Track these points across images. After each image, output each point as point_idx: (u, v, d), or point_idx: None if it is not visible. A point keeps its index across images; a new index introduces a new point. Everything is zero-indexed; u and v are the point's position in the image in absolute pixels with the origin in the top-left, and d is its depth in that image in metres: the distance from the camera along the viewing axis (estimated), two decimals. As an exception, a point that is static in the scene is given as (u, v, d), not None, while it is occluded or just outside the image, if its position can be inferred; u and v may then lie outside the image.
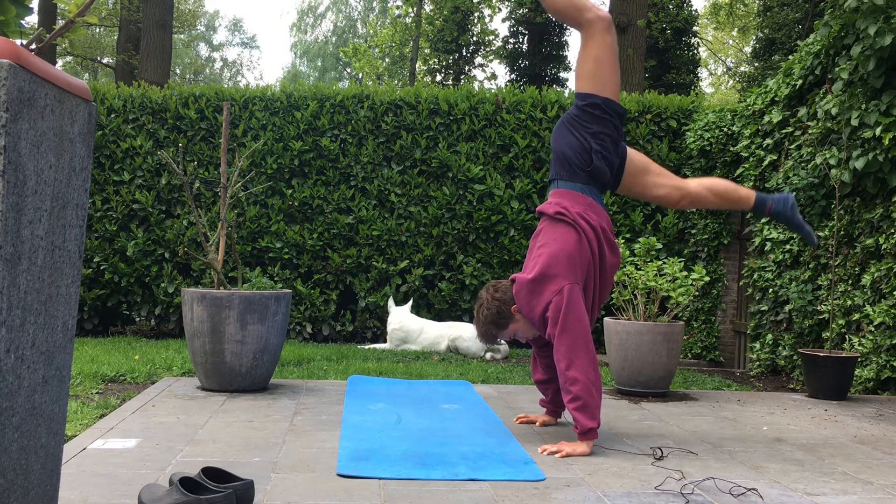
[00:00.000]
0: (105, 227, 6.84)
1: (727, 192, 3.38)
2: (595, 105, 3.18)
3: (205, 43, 40.64)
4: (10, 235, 1.34)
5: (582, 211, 3.15)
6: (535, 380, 3.55)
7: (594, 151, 3.18)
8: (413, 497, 2.39)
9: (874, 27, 4.55)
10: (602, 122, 3.19)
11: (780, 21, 15.05)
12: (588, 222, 3.14)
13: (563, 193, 3.22)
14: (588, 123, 3.19)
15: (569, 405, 3.03)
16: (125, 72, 15.90)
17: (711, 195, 3.35)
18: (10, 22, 1.61)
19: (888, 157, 4.63)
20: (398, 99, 7.06)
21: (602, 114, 3.18)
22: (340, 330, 6.93)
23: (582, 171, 3.19)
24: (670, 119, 7.11)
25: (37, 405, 1.51)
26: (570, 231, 3.13)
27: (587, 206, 3.18)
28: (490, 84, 19.50)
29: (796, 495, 2.54)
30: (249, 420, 3.43)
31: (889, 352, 4.58)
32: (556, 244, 3.12)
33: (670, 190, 3.31)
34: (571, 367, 3.01)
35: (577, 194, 3.19)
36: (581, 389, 2.99)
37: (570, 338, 3.02)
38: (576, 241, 3.12)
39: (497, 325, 3.27)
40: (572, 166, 3.20)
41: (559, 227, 3.16)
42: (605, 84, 3.19)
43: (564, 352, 3.03)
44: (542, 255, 3.14)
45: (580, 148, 3.18)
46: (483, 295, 3.31)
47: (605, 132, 3.20)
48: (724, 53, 29.53)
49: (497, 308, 3.24)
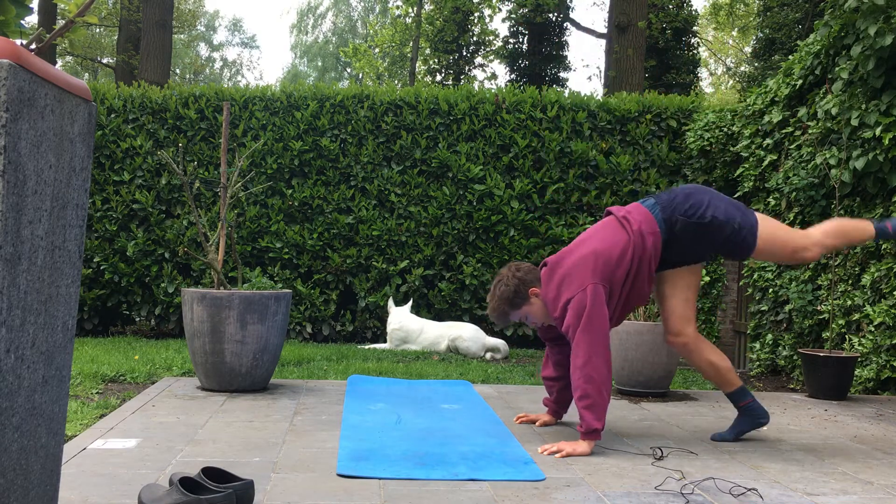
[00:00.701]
0: (105, 227, 6.84)
1: (847, 230, 3.30)
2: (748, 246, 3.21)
3: (205, 43, 40.64)
4: (10, 235, 1.34)
5: (647, 231, 3.17)
6: (543, 376, 3.54)
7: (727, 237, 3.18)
8: (413, 497, 2.39)
9: (874, 27, 4.55)
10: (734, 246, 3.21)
11: (780, 21, 15.05)
12: (644, 243, 3.16)
13: (640, 208, 3.24)
14: (720, 241, 3.20)
15: (578, 402, 3.03)
16: (125, 72, 15.90)
17: (836, 240, 3.28)
18: (10, 22, 1.61)
19: (888, 157, 4.63)
20: (398, 99, 7.06)
21: (738, 241, 3.20)
22: (340, 330, 6.93)
23: (694, 224, 3.18)
24: (670, 119, 7.11)
25: (37, 405, 1.51)
26: (623, 239, 3.16)
27: (653, 234, 3.18)
28: (490, 84, 19.49)
29: (796, 495, 2.54)
30: (249, 420, 3.43)
31: (889, 352, 4.58)
32: (603, 245, 3.15)
33: (804, 251, 3.27)
34: (588, 365, 3.01)
35: (653, 219, 3.21)
36: (593, 389, 3.00)
37: (591, 336, 3.03)
38: (622, 251, 3.13)
39: (511, 304, 3.26)
40: (693, 215, 3.18)
41: (616, 232, 3.19)
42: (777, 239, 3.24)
43: (584, 348, 3.02)
44: (587, 250, 3.15)
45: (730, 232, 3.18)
46: (504, 272, 3.30)
47: (720, 243, 3.21)
48: (724, 53, 29.53)
49: (516, 287, 3.24)
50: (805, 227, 5.46)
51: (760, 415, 3.36)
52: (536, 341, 7.05)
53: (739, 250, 3.22)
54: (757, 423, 3.36)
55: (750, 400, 3.36)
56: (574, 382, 3.05)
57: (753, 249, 3.21)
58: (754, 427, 3.37)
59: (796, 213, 5.53)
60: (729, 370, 3.35)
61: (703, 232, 3.17)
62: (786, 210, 5.68)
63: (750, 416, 3.35)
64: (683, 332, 3.30)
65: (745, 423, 3.36)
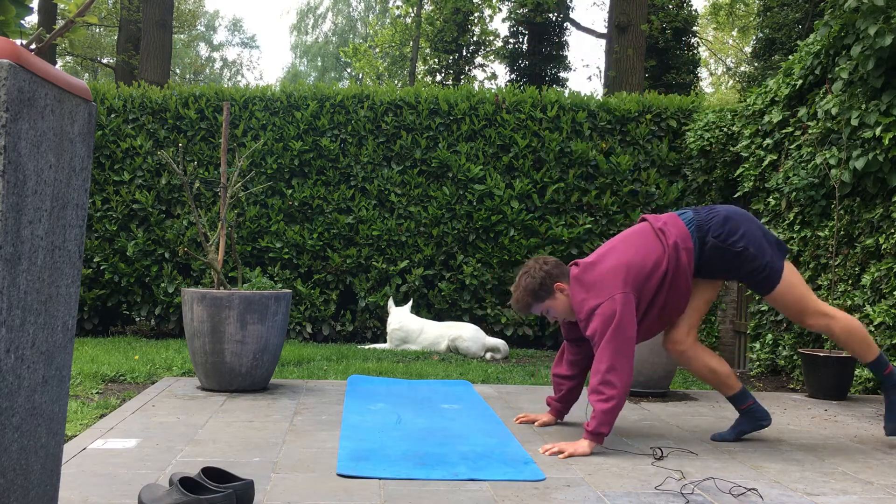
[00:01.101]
0: (105, 227, 6.84)
1: (859, 337, 3.27)
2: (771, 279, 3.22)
3: (205, 43, 40.64)
4: (10, 235, 1.34)
5: (682, 247, 3.17)
6: (554, 372, 3.53)
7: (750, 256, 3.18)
8: (413, 497, 2.39)
9: (874, 27, 4.55)
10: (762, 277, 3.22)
11: (780, 21, 15.05)
12: (678, 257, 3.16)
13: (678, 221, 3.24)
14: (753, 267, 3.20)
15: (596, 404, 3.03)
16: (125, 72, 15.90)
17: (844, 334, 3.25)
18: (10, 22, 1.61)
19: (888, 157, 4.63)
20: (398, 99, 7.06)
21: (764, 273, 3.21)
22: (340, 330, 6.93)
23: (725, 246, 3.18)
24: (670, 119, 7.11)
25: (37, 405, 1.51)
26: (658, 251, 3.17)
27: (687, 251, 3.18)
28: (490, 84, 19.49)
29: (796, 495, 2.54)
30: (249, 420, 3.43)
31: (889, 352, 4.58)
32: (637, 255, 3.16)
33: (811, 317, 3.26)
34: (613, 372, 3.02)
35: (688, 234, 3.21)
36: (615, 394, 3.01)
37: (619, 344, 3.03)
38: (655, 262, 3.14)
39: (535, 296, 3.26)
40: (726, 232, 3.18)
41: (652, 242, 3.19)
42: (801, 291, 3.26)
43: (610, 354, 3.03)
44: (620, 259, 3.16)
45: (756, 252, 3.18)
46: (531, 263, 3.30)
47: (749, 269, 3.21)
48: (724, 53, 29.53)
49: (542, 280, 3.24)
50: (805, 227, 5.46)
51: (762, 417, 3.36)
52: (536, 341, 7.05)
53: (759, 286, 3.24)
54: (758, 424, 3.36)
55: (751, 402, 3.36)
56: (593, 385, 3.06)
57: (772, 291, 3.22)
58: (755, 429, 3.37)
59: (796, 213, 5.53)
60: (729, 375, 3.35)
61: (731, 258, 3.19)
62: (786, 210, 5.68)
63: (751, 418, 3.36)
64: (683, 341, 3.30)
65: (747, 424, 3.36)
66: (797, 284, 3.23)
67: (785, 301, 3.23)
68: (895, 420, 3.24)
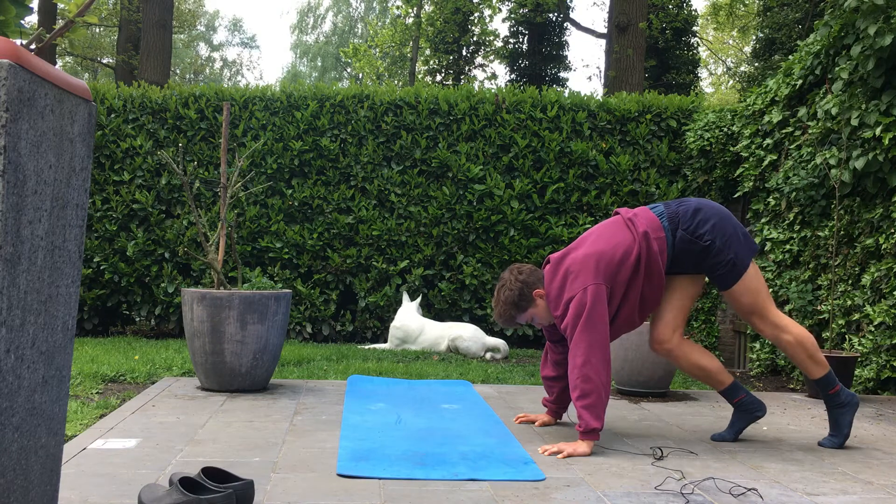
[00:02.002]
0: (105, 227, 6.84)
1: (810, 350, 3.26)
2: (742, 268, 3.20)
3: (205, 43, 40.64)
4: (10, 235, 1.34)
5: (653, 236, 3.16)
6: (543, 376, 3.53)
7: (717, 250, 3.17)
8: (413, 497, 2.39)
9: (874, 27, 4.55)
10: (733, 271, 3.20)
11: (780, 21, 15.05)
12: (649, 246, 3.15)
13: (649, 213, 3.23)
14: (723, 261, 3.18)
15: (577, 402, 3.02)
16: (125, 72, 15.91)
17: (792, 347, 3.25)
18: (10, 22, 1.61)
19: (888, 157, 4.63)
20: (398, 99, 7.06)
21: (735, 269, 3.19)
22: (340, 330, 6.93)
23: (678, 239, 3.18)
24: (670, 119, 7.11)
25: (37, 405, 1.51)
26: (628, 241, 3.15)
27: (659, 240, 3.17)
28: (490, 84, 19.50)
29: (796, 495, 2.54)
30: (249, 420, 3.43)
31: (889, 352, 4.58)
32: (607, 244, 3.14)
33: (762, 321, 3.25)
34: (586, 365, 3.01)
35: (661, 226, 3.20)
36: (592, 388, 3.00)
37: (591, 336, 3.03)
38: (625, 251, 3.13)
39: (517, 307, 3.26)
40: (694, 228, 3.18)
41: (621, 232, 3.18)
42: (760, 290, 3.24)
43: (584, 348, 3.02)
44: (590, 249, 3.15)
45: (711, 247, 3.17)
46: (506, 275, 3.29)
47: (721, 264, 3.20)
48: (724, 53, 29.52)
49: (520, 290, 3.24)
50: (805, 227, 5.46)
51: (755, 408, 3.35)
52: (536, 341, 7.05)
53: (719, 280, 3.22)
54: (753, 417, 3.35)
55: (743, 395, 3.35)
56: (572, 382, 3.05)
57: (730, 288, 3.20)
58: (751, 421, 3.36)
59: (796, 213, 5.53)
60: (719, 371, 3.34)
61: (700, 252, 3.18)
62: (786, 210, 5.68)
63: (746, 412, 3.35)
64: (669, 340, 3.29)
65: (742, 419, 3.35)
66: (758, 288, 3.21)
67: (741, 302, 3.21)
68: (839, 435, 3.27)
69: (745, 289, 3.19)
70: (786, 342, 3.24)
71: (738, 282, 3.18)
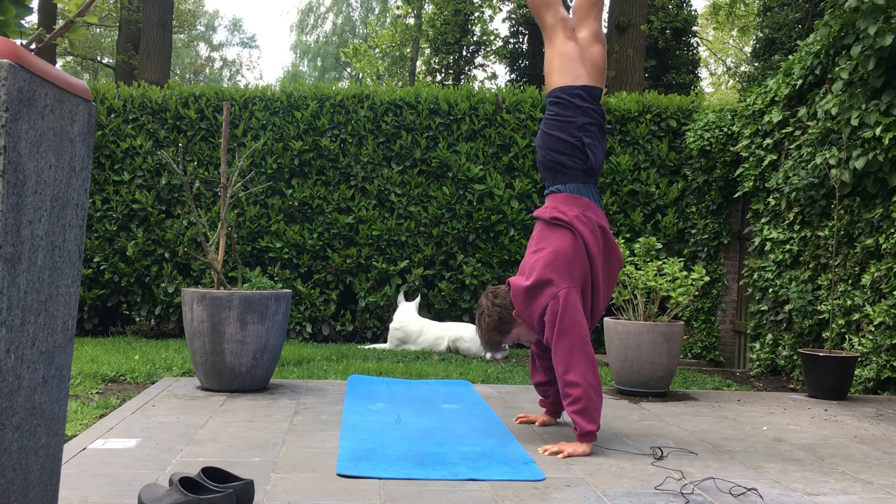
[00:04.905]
0: (105, 227, 6.84)
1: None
2: (575, 94, 3.15)
3: (205, 43, 40.63)
4: (10, 235, 1.34)
5: (579, 213, 3.14)
6: (534, 382, 3.54)
7: (587, 146, 3.16)
8: (413, 497, 2.39)
9: (874, 27, 4.55)
10: (586, 112, 3.16)
11: (780, 21, 15.05)
12: (586, 224, 3.13)
13: (558, 198, 3.21)
14: (573, 117, 3.15)
15: (568, 409, 3.03)
16: (125, 72, 15.90)
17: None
18: (10, 22, 1.61)
19: (888, 157, 4.63)
20: (398, 99, 7.06)
21: (583, 102, 3.15)
22: (340, 330, 6.93)
23: (579, 171, 3.18)
24: (670, 119, 7.11)
25: (37, 405, 1.51)
26: (566, 235, 3.12)
27: (584, 206, 3.16)
28: (490, 84, 19.50)
29: (796, 495, 2.54)
30: (249, 420, 3.43)
31: (889, 352, 4.58)
32: (551, 248, 3.12)
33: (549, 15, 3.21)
34: (570, 371, 3.01)
35: (574, 196, 3.18)
36: (580, 393, 2.99)
37: (568, 342, 3.02)
38: (571, 245, 3.10)
39: (500, 331, 3.26)
40: (567, 169, 3.18)
41: (555, 232, 3.15)
42: (577, 75, 3.17)
43: (563, 356, 3.02)
44: (539, 259, 3.13)
45: (572, 148, 3.16)
46: (483, 302, 3.29)
47: (590, 122, 3.17)
48: (724, 53, 29.52)
49: (499, 314, 3.23)
50: (805, 227, 5.46)
51: None
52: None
53: (601, 133, 3.23)
54: None
55: None
56: (561, 390, 3.05)
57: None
58: None
59: (796, 213, 5.53)
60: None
61: (575, 108, 3.15)
62: (786, 210, 5.68)
63: None
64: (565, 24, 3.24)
65: None
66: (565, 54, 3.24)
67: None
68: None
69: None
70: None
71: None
